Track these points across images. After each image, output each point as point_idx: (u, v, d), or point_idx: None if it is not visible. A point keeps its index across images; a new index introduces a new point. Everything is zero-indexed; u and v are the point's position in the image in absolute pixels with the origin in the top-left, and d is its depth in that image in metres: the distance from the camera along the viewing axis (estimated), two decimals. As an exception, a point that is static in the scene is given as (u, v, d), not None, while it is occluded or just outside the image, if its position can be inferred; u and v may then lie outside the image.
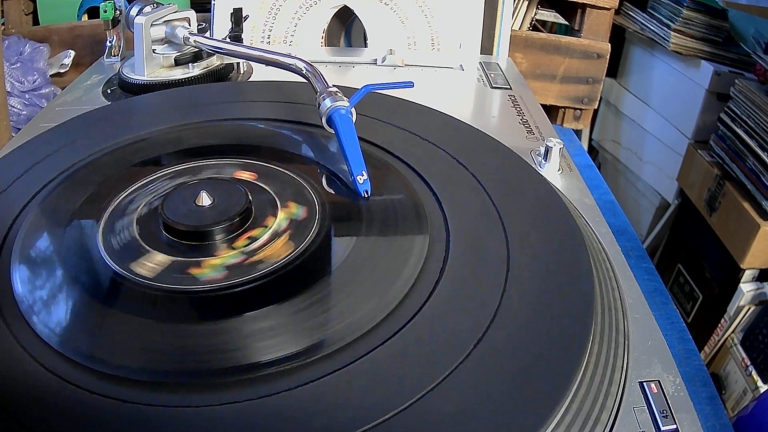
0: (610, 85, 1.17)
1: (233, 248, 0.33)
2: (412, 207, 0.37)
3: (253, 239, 0.34)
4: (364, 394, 0.26)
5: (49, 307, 0.30)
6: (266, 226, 0.35)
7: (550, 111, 0.86)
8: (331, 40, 0.73)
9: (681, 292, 0.98)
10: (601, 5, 0.80)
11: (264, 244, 0.33)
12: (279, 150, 0.43)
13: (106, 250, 0.33)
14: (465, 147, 0.43)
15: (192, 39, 0.56)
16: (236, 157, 0.41)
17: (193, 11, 0.59)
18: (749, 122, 0.79)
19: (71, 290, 0.31)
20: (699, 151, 0.91)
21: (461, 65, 0.66)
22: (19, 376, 0.26)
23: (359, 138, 0.40)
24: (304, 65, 0.47)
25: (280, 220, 0.35)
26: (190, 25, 0.59)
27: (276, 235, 0.34)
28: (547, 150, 0.46)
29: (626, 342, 0.31)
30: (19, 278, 0.31)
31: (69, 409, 0.25)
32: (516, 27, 0.84)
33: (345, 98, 0.42)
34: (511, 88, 0.62)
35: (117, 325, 0.29)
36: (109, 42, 0.65)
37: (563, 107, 0.85)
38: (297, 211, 0.36)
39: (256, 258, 0.33)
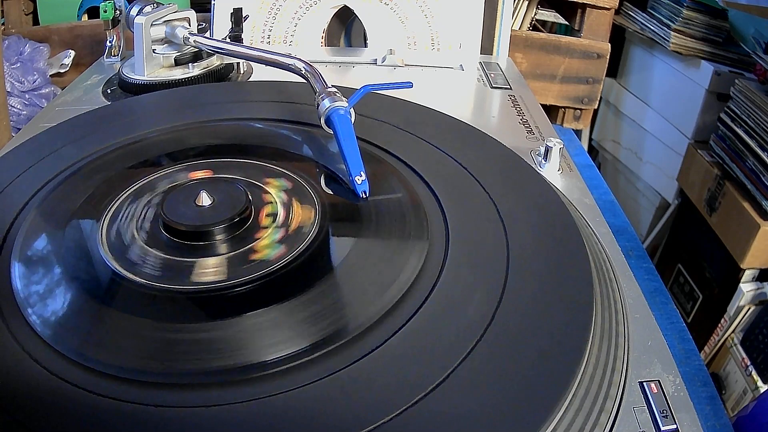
0: (610, 85, 1.17)
1: (232, 248, 0.33)
2: (411, 207, 0.37)
3: (253, 239, 0.34)
4: (364, 395, 0.26)
5: (50, 306, 0.30)
6: (266, 226, 0.35)
7: (550, 111, 0.86)
8: (331, 40, 0.73)
9: (681, 292, 0.98)
10: (601, 5, 0.80)
11: (263, 244, 0.33)
12: (278, 150, 0.43)
13: (107, 250, 0.33)
14: (465, 147, 0.43)
15: (192, 39, 0.56)
16: (236, 156, 0.41)
17: (193, 11, 0.59)
18: (749, 122, 0.79)
19: (71, 290, 0.31)
20: (699, 151, 0.91)
21: (461, 65, 0.66)
22: (18, 376, 0.26)
23: (358, 138, 0.40)
24: (303, 65, 0.47)
25: (280, 219, 0.35)
26: (190, 25, 0.59)
27: (275, 235, 0.34)
28: (547, 150, 0.46)
29: (626, 342, 0.31)
30: (19, 278, 0.31)
31: (70, 409, 0.25)
32: (516, 27, 0.84)
33: (344, 98, 0.42)
34: (511, 88, 0.62)
35: (117, 325, 0.29)
36: (109, 42, 0.65)
37: (563, 107, 0.85)
38: (296, 210, 0.36)
39: (255, 258, 0.33)
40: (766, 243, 0.76)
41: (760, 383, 0.70)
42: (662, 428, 0.27)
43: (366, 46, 0.72)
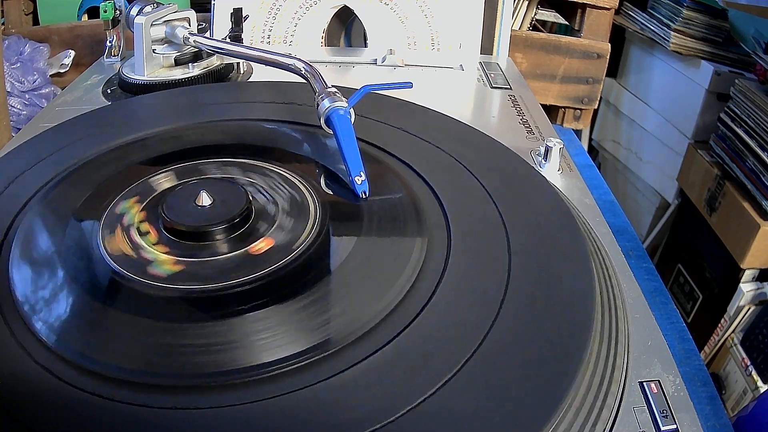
0: (610, 85, 1.17)
1: (232, 248, 0.33)
2: (411, 207, 0.37)
3: (253, 239, 0.34)
4: (364, 397, 0.26)
5: (49, 307, 0.30)
6: (266, 226, 0.35)
7: (550, 111, 0.86)
8: (331, 40, 0.73)
9: (681, 292, 0.98)
10: (601, 5, 0.80)
11: (263, 244, 0.33)
12: (278, 150, 0.43)
13: (107, 250, 0.33)
14: (465, 147, 0.43)
15: (192, 39, 0.56)
16: (236, 157, 0.41)
17: (193, 11, 0.59)
18: (749, 122, 0.79)
19: (71, 290, 0.31)
20: (699, 151, 0.91)
21: (461, 65, 0.66)
22: (17, 376, 0.26)
23: (358, 138, 0.40)
24: (303, 65, 0.47)
25: (280, 220, 0.35)
26: (190, 25, 0.59)
27: (275, 235, 0.34)
28: (547, 150, 0.46)
29: (626, 342, 0.31)
30: (19, 278, 0.31)
31: (70, 410, 0.25)
32: (516, 27, 0.84)
33: (344, 99, 0.42)
34: (511, 88, 0.62)
35: (117, 325, 0.29)
36: (109, 42, 0.65)
37: (563, 107, 0.85)
38: (296, 211, 0.36)
39: (256, 258, 0.33)
40: (766, 243, 0.76)
41: (760, 383, 0.70)
42: (662, 428, 0.27)
43: (366, 46, 0.72)
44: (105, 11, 0.62)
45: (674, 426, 0.27)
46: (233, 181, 0.38)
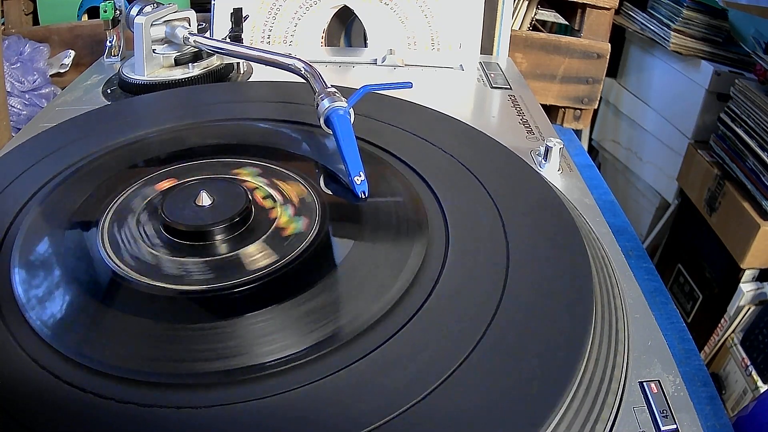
0: (610, 85, 1.17)
1: (232, 248, 0.33)
2: (411, 207, 0.37)
3: (254, 239, 0.34)
4: (364, 396, 0.26)
5: (50, 307, 0.30)
6: (266, 226, 0.35)
7: (550, 111, 0.86)
8: (331, 40, 0.73)
9: (681, 292, 0.98)
10: (601, 5, 0.80)
11: (264, 244, 0.33)
12: (278, 149, 0.43)
13: (107, 250, 0.33)
14: (465, 147, 0.43)
15: (192, 39, 0.56)
16: (236, 157, 0.41)
17: (193, 11, 0.59)
18: (749, 122, 0.79)
19: (71, 290, 0.31)
20: (699, 151, 0.92)
21: (461, 65, 0.66)
22: (17, 377, 0.26)
23: (358, 138, 0.40)
24: (303, 65, 0.47)
25: (280, 219, 0.35)
26: (190, 25, 0.59)
27: (275, 235, 0.34)
28: (547, 150, 0.46)
29: (626, 342, 0.31)
30: (19, 278, 0.31)
31: (69, 409, 0.25)
32: (516, 27, 0.84)
33: (343, 99, 0.42)
34: (511, 88, 0.62)
35: (117, 325, 0.29)
36: (109, 42, 0.65)
37: (563, 107, 0.85)
38: (296, 211, 0.36)
39: (256, 258, 0.33)
40: (766, 243, 0.76)
41: (760, 383, 0.70)
42: (662, 428, 0.27)
43: (366, 46, 0.72)
44: (105, 11, 0.62)
45: (674, 426, 0.27)
46: (233, 181, 0.38)
